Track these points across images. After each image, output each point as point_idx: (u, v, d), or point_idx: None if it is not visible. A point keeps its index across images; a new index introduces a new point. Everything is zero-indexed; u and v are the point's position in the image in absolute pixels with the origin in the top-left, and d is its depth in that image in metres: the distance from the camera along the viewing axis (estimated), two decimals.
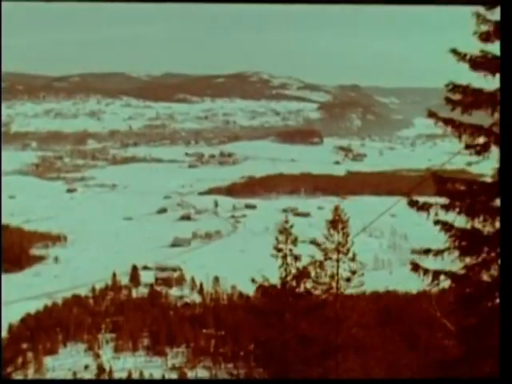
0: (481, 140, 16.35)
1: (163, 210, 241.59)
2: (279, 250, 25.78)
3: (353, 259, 26.27)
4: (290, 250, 25.93)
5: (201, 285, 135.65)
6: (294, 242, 25.93)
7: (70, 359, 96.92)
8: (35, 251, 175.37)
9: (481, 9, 15.61)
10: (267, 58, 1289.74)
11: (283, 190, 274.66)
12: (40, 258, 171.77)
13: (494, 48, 15.65)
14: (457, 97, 16.29)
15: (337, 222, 26.46)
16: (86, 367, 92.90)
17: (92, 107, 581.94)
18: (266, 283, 24.18)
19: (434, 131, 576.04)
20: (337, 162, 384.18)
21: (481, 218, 16.23)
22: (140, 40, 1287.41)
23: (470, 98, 16.20)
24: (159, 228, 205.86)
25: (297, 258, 25.99)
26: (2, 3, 10.78)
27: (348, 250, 26.02)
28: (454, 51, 16.13)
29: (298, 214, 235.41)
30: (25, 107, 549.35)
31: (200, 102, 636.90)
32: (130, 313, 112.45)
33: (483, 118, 16.93)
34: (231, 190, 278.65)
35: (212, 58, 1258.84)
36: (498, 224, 15.94)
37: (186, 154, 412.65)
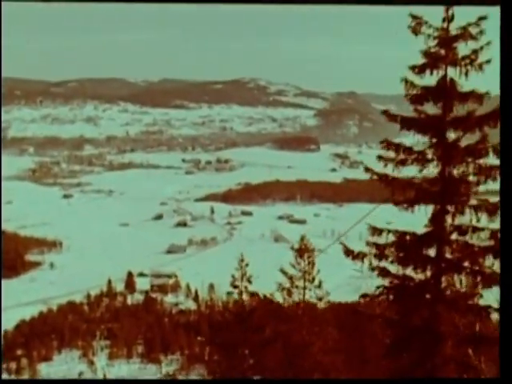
0: (411, 194, 17.35)
1: (159, 217, 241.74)
2: (235, 287, 26.86)
3: (319, 286, 26.99)
4: (245, 287, 26.93)
5: (196, 292, 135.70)
6: (249, 279, 26.80)
7: (64, 366, 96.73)
8: (31, 257, 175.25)
9: (409, 74, 17.07)
10: (265, 65, 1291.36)
11: (279, 197, 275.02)
12: (36, 264, 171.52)
13: (425, 108, 16.88)
14: (390, 154, 17.24)
15: (303, 251, 27.23)
16: (80, 374, 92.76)
17: (89, 113, 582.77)
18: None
19: None
20: (333, 169, 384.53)
21: (412, 267, 17.27)
22: (138, 45, 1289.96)
23: (402, 155, 17.13)
24: (155, 234, 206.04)
25: (253, 294, 26.87)
26: (2, 3, 11.02)
27: (314, 278, 26.86)
28: (386, 112, 17.82)
29: (293, 221, 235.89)
30: (22, 112, 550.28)
31: (197, 108, 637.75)
32: (125, 320, 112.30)
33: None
34: (227, 197, 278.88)
35: (210, 64, 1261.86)
36: (429, 273, 17.16)
37: (183, 161, 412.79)
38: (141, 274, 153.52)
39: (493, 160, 16.29)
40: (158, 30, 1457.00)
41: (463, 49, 16.44)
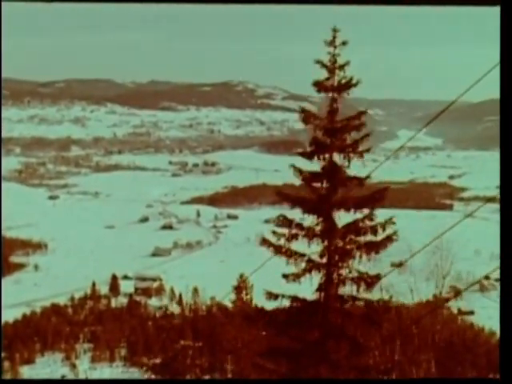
0: (303, 265, 19.04)
1: (145, 219, 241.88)
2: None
3: None
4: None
5: (180, 295, 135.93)
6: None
7: (47, 369, 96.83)
8: (15, 259, 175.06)
9: (298, 160, 19.30)
10: (253, 68, 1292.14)
11: (266, 201, 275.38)
12: (20, 266, 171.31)
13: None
14: (283, 228, 18.93)
15: (241, 289, 28.19)
16: (63, 377, 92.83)
17: (76, 113, 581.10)
18: None
19: (418, 144, 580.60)
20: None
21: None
22: (126, 47, 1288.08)
23: (294, 230, 18.88)
24: (141, 237, 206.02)
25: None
26: (2, 3, 11.48)
27: None
28: (279, 192, 19.96)
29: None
30: (9, 112, 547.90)
31: (185, 111, 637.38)
32: (109, 323, 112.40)
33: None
34: (214, 200, 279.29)
35: (198, 66, 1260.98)
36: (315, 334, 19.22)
37: (170, 163, 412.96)
38: (125, 277, 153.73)
39: (372, 237, 19.03)
40: (147, 31, 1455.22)
41: (348, 138, 19.01)
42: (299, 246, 19.09)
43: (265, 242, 19.79)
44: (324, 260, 18.86)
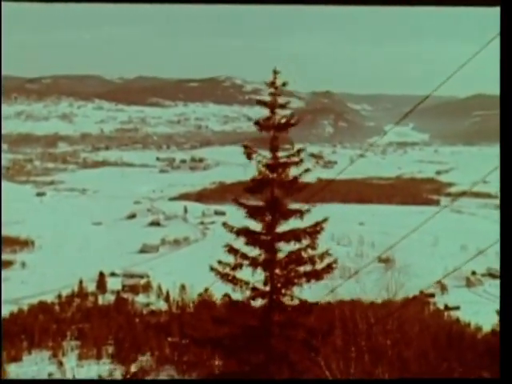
0: (248, 293, 19.77)
1: (133, 216, 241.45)
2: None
3: None
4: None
5: (167, 292, 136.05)
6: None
7: (34, 367, 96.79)
8: (2, 256, 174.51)
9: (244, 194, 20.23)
10: (240, 63, 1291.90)
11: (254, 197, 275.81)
12: (7, 263, 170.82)
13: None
14: (229, 259, 19.83)
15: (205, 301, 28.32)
16: (50, 375, 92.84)
17: (64, 110, 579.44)
18: None
19: (405, 139, 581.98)
20: (307, 169, 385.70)
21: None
22: (114, 42, 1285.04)
23: (240, 259, 19.64)
24: (128, 234, 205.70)
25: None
26: (3, 3, 11.54)
27: None
28: (224, 224, 20.34)
29: None
30: None
31: (173, 106, 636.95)
32: (96, 320, 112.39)
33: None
34: (201, 196, 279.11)
35: (185, 62, 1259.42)
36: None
37: (158, 159, 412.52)
38: (112, 274, 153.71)
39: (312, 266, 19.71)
40: (135, 27, 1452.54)
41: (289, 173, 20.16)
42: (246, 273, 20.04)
43: (212, 269, 20.57)
44: (267, 288, 19.53)
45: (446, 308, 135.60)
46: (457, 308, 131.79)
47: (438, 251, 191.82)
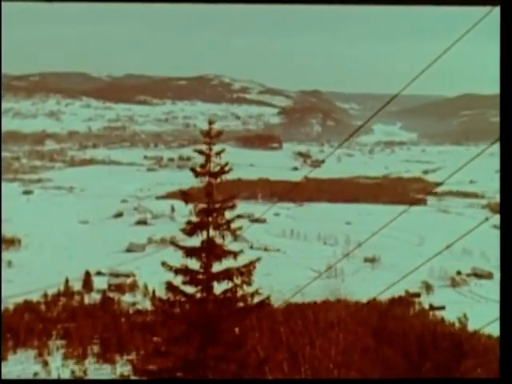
0: (185, 327, 21.43)
1: (119, 214, 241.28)
2: None
3: None
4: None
5: (153, 292, 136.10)
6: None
7: (19, 366, 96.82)
8: None
9: (180, 234, 22.18)
10: (229, 62, 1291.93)
11: (240, 196, 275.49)
12: None
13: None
14: (168, 295, 21.32)
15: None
16: (35, 375, 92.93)
17: (51, 107, 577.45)
18: None
19: (393, 138, 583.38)
20: (295, 168, 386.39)
21: None
22: (102, 40, 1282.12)
23: (179, 296, 21.20)
24: (115, 232, 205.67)
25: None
26: (3, 3, 11.67)
27: None
28: (163, 264, 21.64)
29: (253, 220, 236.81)
30: None
31: (161, 105, 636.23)
32: (82, 319, 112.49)
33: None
34: (188, 195, 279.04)
35: (174, 60, 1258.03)
36: None
37: (145, 157, 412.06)
38: (99, 273, 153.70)
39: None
40: (123, 25, 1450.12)
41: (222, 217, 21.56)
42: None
43: (158, 300, 22.40)
44: (204, 321, 20.95)
45: (431, 308, 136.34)
46: (442, 308, 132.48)
47: (423, 251, 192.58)
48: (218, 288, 21.20)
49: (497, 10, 11.10)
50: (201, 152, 22.04)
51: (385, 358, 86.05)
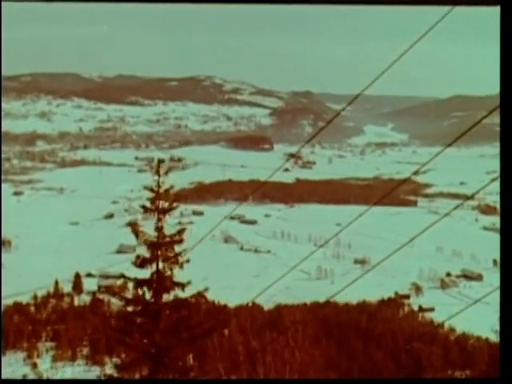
0: (135, 354, 22.81)
1: (110, 216, 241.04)
2: None
3: None
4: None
5: (143, 293, 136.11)
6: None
7: (8, 368, 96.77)
8: None
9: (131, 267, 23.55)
10: (220, 62, 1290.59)
11: (231, 197, 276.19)
12: None
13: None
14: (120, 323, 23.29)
15: None
16: (25, 376, 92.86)
17: (42, 108, 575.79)
18: None
19: (384, 139, 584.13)
20: (286, 169, 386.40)
21: None
22: (93, 40, 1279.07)
23: (128, 325, 22.74)
24: (105, 234, 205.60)
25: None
26: (2, 3, 11.76)
27: None
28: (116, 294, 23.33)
29: (244, 222, 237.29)
30: None
31: (152, 105, 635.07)
32: (71, 321, 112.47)
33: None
34: (179, 196, 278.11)
35: (165, 60, 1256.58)
36: None
37: (136, 158, 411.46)
38: (89, 275, 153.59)
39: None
40: (115, 25, 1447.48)
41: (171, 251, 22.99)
42: None
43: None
44: (153, 350, 22.02)
45: (421, 309, 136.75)
46: (431, 309, 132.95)
47: (413, 252, 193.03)
48: (168, 317, 22.34)
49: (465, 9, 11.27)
50: (150, 189, 23.32)
51: (373, 359, 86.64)
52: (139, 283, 22.78)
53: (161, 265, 22.67)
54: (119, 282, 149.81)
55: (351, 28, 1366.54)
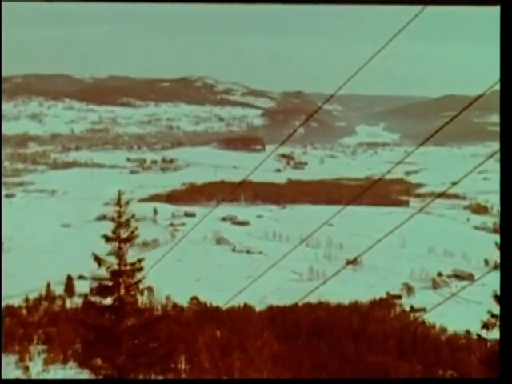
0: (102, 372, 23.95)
1: (102, 218, 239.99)
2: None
3: None
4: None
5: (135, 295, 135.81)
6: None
7: None
8: None
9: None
10: (212, 63, 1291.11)
11: (223, 198, 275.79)
12: None
13: None
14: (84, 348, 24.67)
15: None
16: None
17: (34, 109, 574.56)
18: None
19: (376, 140, 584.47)
20: (278, 170, 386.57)
21: None
22: (85, 42, 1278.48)
23: (91, 351, 23.93)
24: (97, 236, 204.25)
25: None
26: (2, 3, 11.61)
27: None
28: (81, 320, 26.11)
29: (236, 223, 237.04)
30: None
31: (144, 106, 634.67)
32: (63, 324, 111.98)
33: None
34: (172, 198, 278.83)
35: (157, 61, 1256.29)
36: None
37: (128, 160, 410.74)
38: (81, 277, 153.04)
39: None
40: (107, 26, 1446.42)
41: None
42: None
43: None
44: (115, 374, 22.83)
45: (412, 310, 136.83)
46: (423, 310, 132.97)
47: (405, 253, 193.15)
48: (128, 343, 23.24)
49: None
50: (112, 219, 24.40)
51: (365, 360, 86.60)
52: (101, 310, 23.96)
53: (122, 291, 23.78)
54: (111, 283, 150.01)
55: (343, 28, 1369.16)
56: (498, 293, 20.50)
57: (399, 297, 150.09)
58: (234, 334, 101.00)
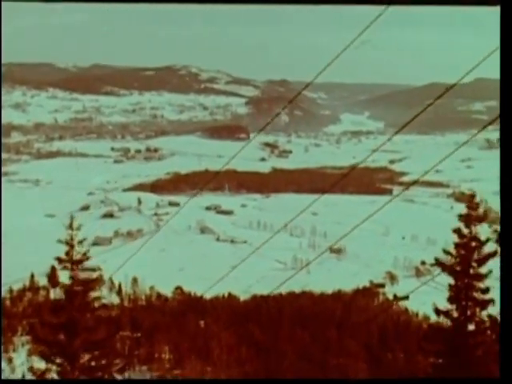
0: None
1: (86, 208, 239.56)
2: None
3: None
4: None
5: (119, 285, 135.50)
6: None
7: None
8: None
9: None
10: (196, 51, 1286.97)
11: (208, 187, 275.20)
12: None
13: None
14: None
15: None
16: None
17: (17, 99, 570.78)
18: None
19: (360, 128, 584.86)
20: (262, 159, 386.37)
21: None
22: (68, 30, 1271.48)
23: (50, 365, 24.59)
24: (81, 226, 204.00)
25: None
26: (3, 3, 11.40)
27: None
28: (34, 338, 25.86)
29: (220, 212, 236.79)
30: None
31: (128, 95, 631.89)
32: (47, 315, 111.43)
33: None
34: (156, 187, 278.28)
35: (141, 50, 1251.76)
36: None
37: (112, 149, 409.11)
38: (65, 268, 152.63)
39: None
40: (90, 14, 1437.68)
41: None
42: None
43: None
44: None
45: (395, 298, 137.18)
46: (406, 298, 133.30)
47: (388, 241, 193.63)
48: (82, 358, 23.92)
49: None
50: (66, 242, 25.28)
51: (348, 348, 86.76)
52: (55, 327, 24.46)
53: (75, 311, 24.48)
54: (95, 274, 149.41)
55: (328, 16, 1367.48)
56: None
57: (382, 285, 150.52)
58: (217, 323, 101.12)
